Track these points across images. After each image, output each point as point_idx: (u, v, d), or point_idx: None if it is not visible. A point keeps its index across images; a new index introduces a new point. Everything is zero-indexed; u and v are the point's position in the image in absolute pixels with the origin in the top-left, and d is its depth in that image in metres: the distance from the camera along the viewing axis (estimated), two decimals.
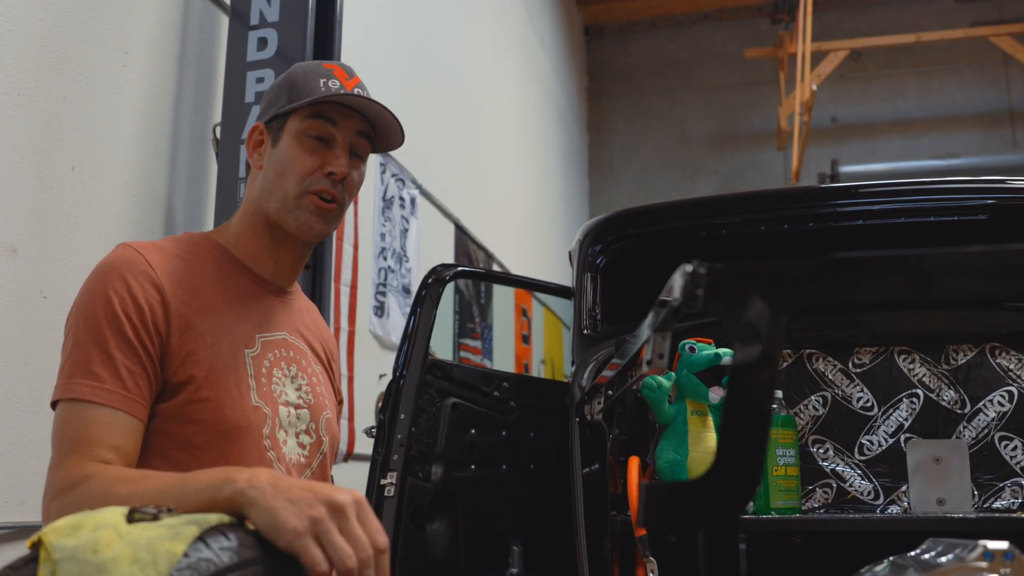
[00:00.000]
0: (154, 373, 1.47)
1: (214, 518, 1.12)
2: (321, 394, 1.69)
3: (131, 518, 1.07)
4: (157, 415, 1.48)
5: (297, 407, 1.61)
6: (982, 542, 1.09)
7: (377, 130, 1.68)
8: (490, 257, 6.99)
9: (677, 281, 0.90)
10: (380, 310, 4.92)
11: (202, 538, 1.07)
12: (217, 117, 3.47)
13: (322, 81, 1.62)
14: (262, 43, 3.39)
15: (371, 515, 1.18)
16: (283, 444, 1.56)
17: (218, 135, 3.42)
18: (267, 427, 1.54)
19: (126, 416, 1.43)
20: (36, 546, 1.04)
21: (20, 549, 1.13)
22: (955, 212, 2.34)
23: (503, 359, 6.96)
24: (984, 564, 1.05)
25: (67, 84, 2.78)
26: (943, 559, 1.13)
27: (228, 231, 1.69)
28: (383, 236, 4.99)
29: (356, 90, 1.64)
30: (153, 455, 1.48)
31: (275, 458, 1.54)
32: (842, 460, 2.20)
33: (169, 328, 1.48)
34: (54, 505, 1.37)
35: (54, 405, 1.47)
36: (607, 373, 2.02)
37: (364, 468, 2.70)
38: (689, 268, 0.88)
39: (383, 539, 1.16)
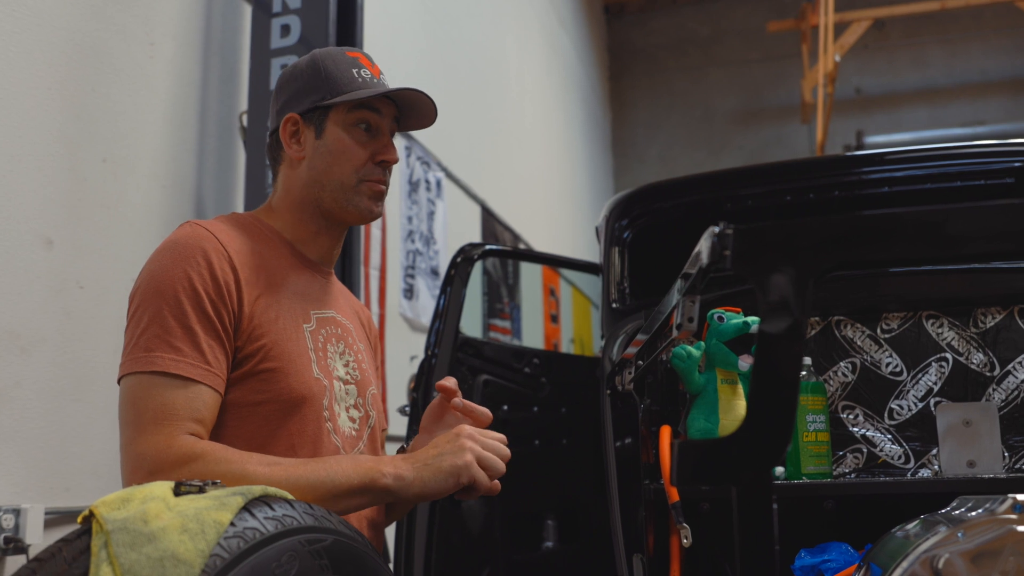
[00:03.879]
0: (230, 347, 1.52)
1: (258, 489, 1.15)
2: (366, 371, 1.75)
3: (178, 491, 1.11)
4: (227, 385, 1.53)
5: (345, 382, 1.67)
6: (1012, 495, 1.11)
7: (403, 111, 1.76)
8: (517, 238, 7.01)
9: (705, 243, 0.92)
10: (409, 292, 4.95)
11: (247, 508, 1.11)
12: (243, 105, 3.50)
13: (355, 71, 1.69)
14: (285, 30, 3.42)
15: (467, 427, 1.54)
16: (338, 416, 1.62)
17: (245, 123, 3.45)
18: (326, 399, 1.60)
19: (208, 389, 1.47)
20: (88, 519, 1.08)
21: (70, 531, 1.16)
22: (982, 176, 2.34)
23: (532, 339, 6.98)
24: (1014, 516, 1.07)
25: (96, 77, 2.82)
26: (973, 513, 1.15)
27: (273, 213, 1.74)
28: (410, 219, 5.02)
29: (382, 77, 1.73)
30: (218, 425, 1.52)
31: (332, 429, 1.60)
32: (872, 425, 2.21)
33: (241, 302, 1.54)
34: (158, 479, 1.38)
35: (121, 379, 1.49)
36: (634, 349, 2.03)
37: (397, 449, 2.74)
38: (717, 229, 0.89)
39: (501, 436, 1.58)
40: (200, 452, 1.40)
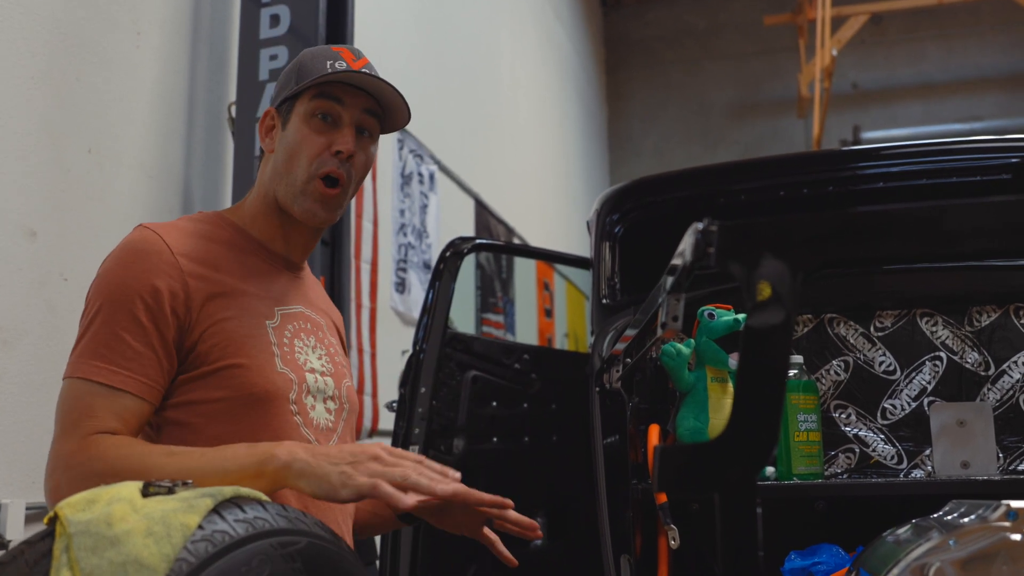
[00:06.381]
0: (166, 356, 1.50)
1: (229, 491, 1.12)
2: (340, 363, 1.74)
3: (146, 492, 1.08)
4: (180, 386, 1.52)
5: (322, 374, 1.65)
6: (1005, 502, 1.08)
7: (384, 108, 1.70)
8: (511, 231, 6.97)
9: (688, 240, 0.89)
10: (401, 286, 4.92)
11: (217, 510, 1.07)
12: (232, 96, 3.46)
13: (328, 63, 1.64)
14: (274, 20, 3.38)
15: (396, 450, 1.41)
16: (311, 409, 1.60)
17: (233, 114, 3.42)
18: (293, 392, 1.57)
19: (131, 396, 1.46)
20: (53, 521, 1.04)
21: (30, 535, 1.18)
22: (978, 172, 2.31)
23: (526, 333, 6.95)
24: (1007, 523, 1.04)
25: (81, 66, 2.78)
26: (966, 519, 1.12)
27: (243, 211, 1.72)
28: (402, 212, 4.98)
29: (364, 70, 1.65)
30: (170, 424, 1.52)
31: (301, 423, 1.58)
32: (865, 425, 2.18)
33: (189, 306, 1.51)
34: (66, 476, 1.40)
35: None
36: (622, 346, 2.00)
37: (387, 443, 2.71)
38: (700, 226, 0.86)
39: (416, 455, 1.41)
40: (103, 450, 1.40)
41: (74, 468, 1.40)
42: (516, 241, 7.01)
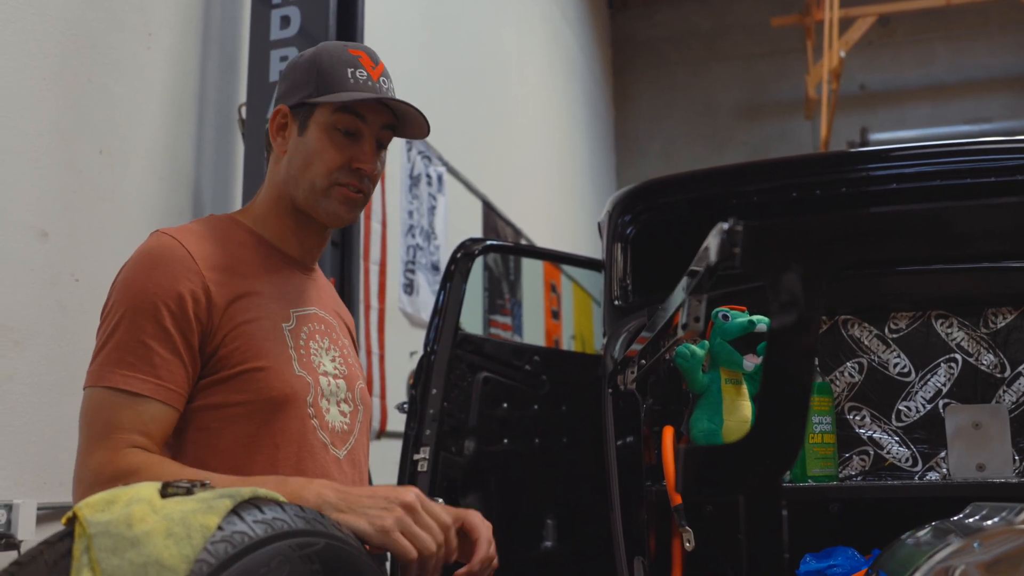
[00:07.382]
0: (191, 362, 1.50)
1: (247, 491, 1.11)
2: (352, 365, 1.74)
3: (165, 492, 1.07)
4: (201, 390, 1.52)
5: (335, 377, 1.65)
6: None
7: (400, 120, 1.71)
8: (518, 233, 6.97)
9: (714, 239, 0.88)
10: (409, 288, 4.91)
11: (236, 511, 1.07)
12: (242, 97, 3.46)
13: (350, 71, 1.64)
14: (285, 21, 3.38)
15: (430, 503, 1.38)
16: (326, 412, 1.61)
17: (243, 115, 3.41)
18: (310, 396, 1.58)
19: (158, 404, 1.47)
20: (71, 521, 1.04)
21: (59, 528, 1.17)
22: (991, 173, 2.29)
23: (533, 335, 6.94)
24: None
25: (92, 68, 2.78)
26: (989, 522, 1.11)
27: (254, 212, 1.73)
28: (411, 214, 4.98)
29: (382, 79, 1.67)
30: (190, 428, 1.53)
31: (318, 426, 1.58)
32: (879, 427, 2.17)
33: (211, 311, 1.52)
34: (95, 492, 1.38)
35: (84, 389, 1.50)
36: (638, 346, 2.00)
37: (397, 445, 2.70)
38: (726, 226, 0.85)
39: (447, 518, 1.38)
40: (136, 466, 1.40)
41: (103, 485, 1.37)
42: (523, 242, 7.00)
